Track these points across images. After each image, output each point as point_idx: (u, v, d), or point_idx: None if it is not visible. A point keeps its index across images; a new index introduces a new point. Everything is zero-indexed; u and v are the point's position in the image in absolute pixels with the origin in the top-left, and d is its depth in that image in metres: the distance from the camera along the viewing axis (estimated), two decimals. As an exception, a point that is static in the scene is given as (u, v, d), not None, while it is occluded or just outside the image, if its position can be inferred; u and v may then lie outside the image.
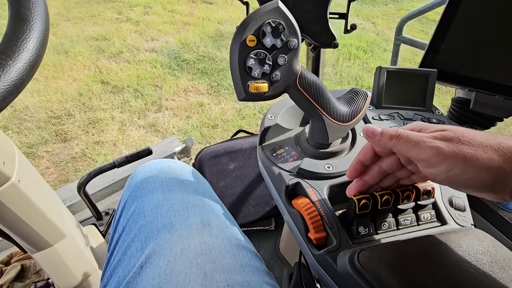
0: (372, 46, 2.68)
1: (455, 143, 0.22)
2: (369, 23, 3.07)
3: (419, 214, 0.34)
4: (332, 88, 2.29)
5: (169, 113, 2.08)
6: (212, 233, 0.33)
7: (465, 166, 0.21)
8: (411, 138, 0.24)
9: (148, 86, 2.23)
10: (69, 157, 1.72)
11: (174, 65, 2.42)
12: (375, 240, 0.32)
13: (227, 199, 0.77)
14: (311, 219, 0.32)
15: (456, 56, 0.44)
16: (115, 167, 0.70)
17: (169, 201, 0.36)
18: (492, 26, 0.41)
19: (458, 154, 0.22)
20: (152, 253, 0.30)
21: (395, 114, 0.43)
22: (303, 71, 0.34)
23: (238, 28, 0.31)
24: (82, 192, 0.69)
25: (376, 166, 0.29)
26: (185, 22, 2.95)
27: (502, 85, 0.42)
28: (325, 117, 0.36)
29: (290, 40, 0.32)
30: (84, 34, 2.66)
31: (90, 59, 2.39)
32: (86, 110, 2.01)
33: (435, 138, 0.23)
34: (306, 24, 0.59)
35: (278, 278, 0.77)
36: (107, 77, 2.25)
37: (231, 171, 0.77)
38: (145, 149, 0.73)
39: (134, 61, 2.42)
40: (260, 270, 0.33)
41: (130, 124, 1.96)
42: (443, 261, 0.26)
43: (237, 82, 0.33)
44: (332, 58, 2.58)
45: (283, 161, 0.39)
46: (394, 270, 0.26)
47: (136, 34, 2.74)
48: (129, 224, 0.35)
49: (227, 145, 0.78)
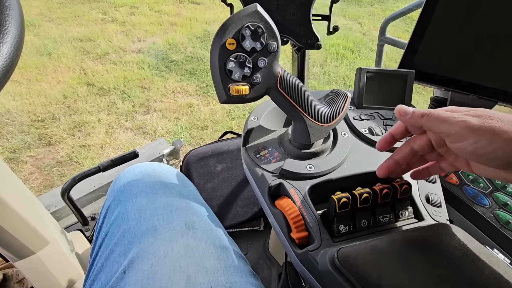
0: (359, 46, 2.72)
1: (484, 118, 0.23)
2: (356, 23, 3.12)
3: (397, 211, 0.35)
4: (321, 87, 2.32)
5: (157, 115, 2.05)
6: (196, 235, 0.34)
7: (492, 137, 0.22)
8: (441, 115, 0.25)
9: (136, 87, 2.20)
10: (54, 161, 1.68)
11: (161, 66, 2.39)
12: (355, 238, 0.33)
13: (215, 201, 0.77)
14: (293, 219, 0.33)
15: (433, 57, 0.46)
16: (100, 171, 0.69)
17: (153, 205, 0.36)
18: (465, 28, 0.43)
19: (487, 127, 0.22)
20: (135, 257, 0.30)
21: (375, 114, 0.44)
22: (283, 73, 0.35)
23: (218, 31, 0.32)
24: (66, 197, 0.68)
25: (408, 146, 0.30)
26: (172, 22, 2.92)
27: (475, 84, 0.44)
28: (306, 118, 0.37)
29: (270, 43, 0.33)
30: (68, 35, 2.60)
31: (74, 60, 2.34)
32: (71, 113, 1.96)
33: (465, 115, 0.24)
34: (290, 26, 0.60)
35: (268, 278, 0.77)
36: (93, 79, 2.20)
37: (218, 172, 0.77)
38: (131, 152, 0.73)
39: (120, 62, 2.38)
40: (244, 271, 0.33)
41: (118, 127, 1.92)
42: (418, 256, 0.27)
43: (218, 85, 0.33)
44: (320, 58, 2.61)
45: (266, 162, 0.39)
46: (371, 266, 0.26)
47: (122, 35, 2.70)
48: (112, 229, 0.35)
49: (214, 147, 0.78)
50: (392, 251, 0.28)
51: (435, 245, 0.28)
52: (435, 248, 0.28)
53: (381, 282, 0.25)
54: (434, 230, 0.30)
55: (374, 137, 0.42)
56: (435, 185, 0.38)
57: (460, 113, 0.25)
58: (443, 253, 0.28)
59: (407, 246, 0.28)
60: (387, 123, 0.43)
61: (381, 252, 0.28)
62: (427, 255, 0.27)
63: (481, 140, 0.23)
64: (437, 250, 0.28)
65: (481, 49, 0.43)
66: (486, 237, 0.38)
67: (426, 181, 0.38)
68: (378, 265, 0.27)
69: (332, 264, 0.28)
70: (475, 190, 0.40)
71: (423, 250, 0.28)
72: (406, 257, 0.27)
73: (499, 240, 0.37)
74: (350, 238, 0.33)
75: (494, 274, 0.26)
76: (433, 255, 0.27)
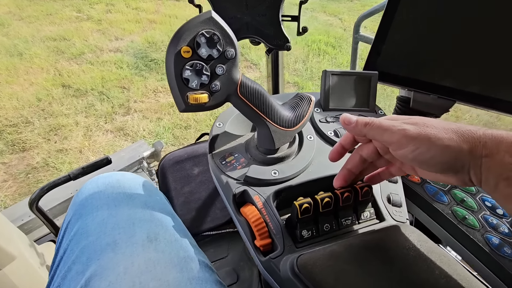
0: (340, 41, 2.75)
1: (420, 126, 0.25)
2: (336, 19, 3.14)
3: (359, 213, 0.35)
4: (303, 84, 2.33)
5: (138, 116, 2.01)
6: (158, 248, 0.33)
7: (429, 145, 0.24)
8: (383, 124, 0.27)
9: (114, 88, 2.14)
10: (29, 167, 1.62)
11: (141, 65, 2.33)
12: (318, 242, 0.33)
13: (193, 205, 0.76)
14: (256, 227, 0.33)
15: (395, 58, 0.47)
16: (70, 179, 0.67)
17: (114, 218, 0.35)
18: (424, 29, 0.44)
19: (423, 135, 0.24)
20: (93, 275, 0.29)
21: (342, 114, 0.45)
22: (243, 79, 0.35)
23: (172, 39, 0.31)
24: (35, 208, 0.65)
25: (357, 155, 0.31)
26: (151, 20, 2.85)
27: (435, 84, 0.45)
28: (269, 123, 0.37)
29: (227, 50, 0.32)
30: (40, 34, 2.48)
31: (48, 61, 2.24)
32: (46, 116, 1.89)
33: (403, 123, 0.26)
34: (259, 27, 0.59)
35: (249, 278, 0.78)
36: (68, 80, 2.12)
37: (195, 176, 0.76)
38: (103, 158, 0.70)
39: (97, 62, 2.30)
40: (209, 281, 0.33)
41: (97, 129, 1.87)
42: (373, 259, 0.28)
43: (175, 94, 0.33)
44: (302, 54, 2.62)
45: (232, 169, 0.39)
46: (328, 272, 0.27)
47: (98, 34, 2.60)
48: (71, 245, 0.34)
49: (190, 150, 0.77)
50: (349, 255, 0.28)
51: (390, 247, 0.29)
52: (390, 250, 0.29)
53: (337, 287, 0.26)
54: (390, 232, 0.30)
55: (339, 139, 0.42)
56: (396, 185, 0.39)
57: (399, 121, 0.26)
58: (398, 255, 0.28)
59: (364, 249, 0.29)
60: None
61: (338, 257, 0.28)
62: (383, 258, 0.28)
63: (419, 147, 0.24)
64: (392, 252, 0.29)
65: (440, 50, 0.44)
66: (446, 233, 0.39)
67: (388, 181, 0.39)
68: (335, 270, 0.27)
69: (292, 271, 0.28)
70: (435, 187, 0.42)
71: (378, 253, 0.28)
72: (363, 261, 0.28)
73: (457, 235, 0.38)
74: (313, 243, 0.33)
75: (444, 273, 0.27)
76: (388, 257, 0.28)
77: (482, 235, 0.37)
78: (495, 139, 0.22)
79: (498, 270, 0.36)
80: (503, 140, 0.21)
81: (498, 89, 0.41)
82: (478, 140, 0.22)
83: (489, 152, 0.22)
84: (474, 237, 0.37)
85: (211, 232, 0.80)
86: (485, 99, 0.42)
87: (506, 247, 0.36)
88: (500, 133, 0.22)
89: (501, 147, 0.21)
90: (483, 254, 0.37)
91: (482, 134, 0.22)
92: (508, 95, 0.40)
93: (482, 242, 0.37)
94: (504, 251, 0.36)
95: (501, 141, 0.21)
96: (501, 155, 0.21)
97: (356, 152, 0.31)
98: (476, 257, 0.38)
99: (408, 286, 0.26)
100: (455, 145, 0.23)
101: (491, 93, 0.41)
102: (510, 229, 0.38)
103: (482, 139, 0.22)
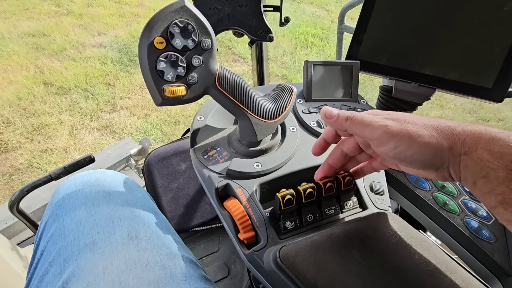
0: (327, 33, 2.74)
1: (401, 122, 0.24)
2: (323, 11, 3.13)
3: (342, 202, 0.35)
4: (292, 76, 2.32)
5: (125, 113, 1.96)
6: (139, 246, 0.32)
7: (410, 142, 0.23)
8: (364, 119, 0.26)
9: (99, 84, 2.08)
10: (13, 169, 1.57)
11: (126, 61, 2.27)
12: (302, 233, 0.33)
13: (182, 200, 0.75)
14: (239, 220, 0.33)
15: (376, 47, 0.47)
16: (51, 180, 0.65)
17: (93, 217, 0.34)
18: (403, 18, 0.43)
19: (404, 132, 0.24)
20: (70, 276, 0.29)
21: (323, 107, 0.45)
22: (222, 71, 0.34)
23: (143, 29, 0.30)
24: (15, 210, 0.63)
25: (339, 150, 0.31)
26: (135, 13, 2.77)
27: (416, 73, 0.45)
28: (250, 115, 0.36)
29: (203, 40, 0.31)
30: (18, 30, 2.38)
31: (27, 58, 2.16)
32: (29, 116, 1.82)
33: (385, 118, 0.25)
34: (241, 18, 0.58)
35: (240, 272, 0.78)
36: (50, 77, 2.05)
37: (183, 171, 0.75)
38: (86, 157, 0.69)
39: (80, 58, 2.23)
40: (193, 277, 0.33)
41: (82, 127, 1.82)
42: (354, 247, 0.28)
43: (150, 87, 0.32)
44: (290, 46, 2.60)
45: (214, 163, 0.38)
46: (309, 262, 0.27)
47: (80, 29, 2.51)
48: (48, 247, 0.32)
49: (176, 146, 0.76)
50: (330, 245, 0.28)
51: (371, 235, 0.29)
52: (371, 237, 0.29)
53: (318, 277, 0.26)
54: (371, 220, 0.31)
55: (322, 130, 0.42)
56: (379, 173, 0.39)
57: (381, 116, 0.26)
58: (378, 242, 0.29)
59: (345, 238, 0.29)
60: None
61: (319, 247, 0.28)
62: (363, 246, 0.28)
63: (400, 145, 0.24)
64: (373, 240, 0.29)
65: (418, 39, 0.44)
66: (428, 219, 0.40)
67: None
68: (316, 260, 0.27)
69: (275, 263, 0.28)
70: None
71: (359, 241, 0.29)
72: (343, 250, 0.28)
73: (438, 220, 0.39)
74: (297, 234, 0.33)
75: (423, 258, 0.28)
76: (368, 245, 0.28)
77: (462, 219, 0.38)
78: (474, 135, 0.21)
79: (477, 252, 0.37)
80: (482, 136, 0.21)
81: (475, 76, 0.42)
82: (457, 137, 0.22)
83: (468, 149, 0.22)
84: (454, 221, 0.38)
85: (201, 227, 0.80)
86: (463, 86, 0.42)
87: (484, 230, 0.37)
88: (479, 129, 0.22)
89: (479, 143, 0.21)
90: (463, 237, 0.38)
91: (461, 130, 0.22)
92: (485, 82, 0.41)
93: (462, 226, 0.38)
94: (483, 234, 0.37)
95: (479, 138, 0.21)
96: (479, 153, 0.21)
97: (338, 147, 0.31)
98: (456, 241, 0.39)
99: (388, 272, 0.26)
100: (435, 142, 0.23)
101: (469, 80, 0.42)
102: (488, 213, 0.39)
103: (461, 135, 0.22)
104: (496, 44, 0.40)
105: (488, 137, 0.21)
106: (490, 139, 0.21)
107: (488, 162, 0.20)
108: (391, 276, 0.26)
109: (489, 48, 0.40)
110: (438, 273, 0.27)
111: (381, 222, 0.30)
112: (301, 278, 0.26)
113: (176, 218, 0.75)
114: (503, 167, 0.20)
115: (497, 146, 0.20)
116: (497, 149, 0.20)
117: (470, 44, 0.41)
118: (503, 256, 0.35)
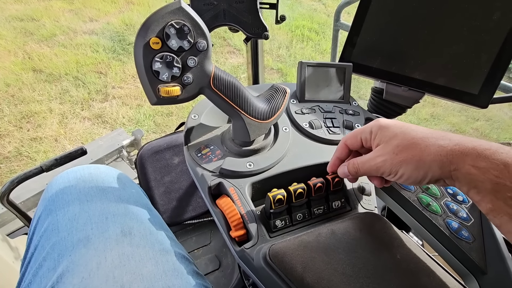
0: (323, 27, 2.73)
1: (391, 154, 0.27)
2: (320, 4, 3.10)
3: (331, 202, 0.37)
4: (287, 70, 2.31)
5: (117, 102, 1.93)
6: (133, 242, 0.33)
7: (416, 166, 0.26)
8: (366, 169, 0.30)
9: (91, 73, 2.03)
10: (1, 157, 1.54)
11: (118, 49, 2.22)
12: (291, 231, 0.35)
13: (174, 194, 0.76)
14: (231, 218, 0.34)
15: (369, 50, 0.47)
16: (42, 171, 0.64)
17: (86, 213, 0.34)
18: (396, 23, 0.44)
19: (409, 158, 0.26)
20: (65, 271, 0.29)
21: (316, 107, 0.46)
22: (217, 71, 0.34)
23: (139, 29, 0.30)
24: (6, 201, 0.63)
25: (343, 144, 0.34)
26: (128, 0, 2.69)
27: (406, 77, 0.46)
28: (244, 116, 0.37)
29: (199, 41, 0.31)
30: (5, 13, 2.29)
31: (15, 43, 2.09)
32: (17, 103, 1.78)
33: (376, 156, 0.29)
34: (237, 14, 0.58)
35: (231, 264, 0.80)
36: (40, 64, 1.99)
37: (175, 165, 0.75)
38: (78, 149, 0.68)
39: (71, 45, 2.17)
40: (185, 272, 0.34)
41: (73, 116, 1.79)
42: (339, 247, 0.29)
43: (146, 87, 0.32)
44: (286, 40, 2.58)
45: (208, 161, 0.39)
46: (297, 261, 0.28)
47: (70, 14, 2.44)
48: (42, 241, 0.33)
49: (169, 139, 0.76)
50: (317, 244, 0.30)
51: (356, 235, 0.31)
52: (356, 237, 0.30)
53: (305, 274, 0.27)
54: (357, 221, 0.32)
55: (314, 130, 0.43)
56: (367, 175, 0.40)
57: (373, 156, 0.29)
58: (363, 242, 0.30)
59: (332, 238, 0.30)
60: (327, 116, 0.45)
61: (307, 246, 0.29)
62: (348, 245, 0.30)
63: (405, 172, 0.27)
64: (357, 240, 0.30)
65: (410, 44, 0.45)
66: (412, 219, 0.42)
67: None
68: (303, 259, 0.28)
69: (265, 260, 0.29)
70: (403, 176, 0.44)
71: (345, 241, 0.30)
72: (329, 249, 0.29)
73: (422, 220, 0.41)
74: (287, 232, 0.35)
75: (404, 258, 0.29)
76: (353, 244, 0.30)
77: (443, 220, 0.40)
78: (461, 154, 0.24)
79: (456, 251, 0.39)
80: (468, 154, 0.23)
81: (462, 82, 0.43)
82: (445, 157, 0.24)
83: (456, 166, 0.24)
84: (436, 221, 0.40)
85: (193, 220, 0.81)
86: (450, 91, 0.44)
87: (464, 230, 0.39)
88: (466, 147, 0.24)
89: (466, 161, 0.23)
90: (444, 237, 0.40)
91: (449, 150, 0.24)
92: (472, 88, 0.42)
93: (443, 226, 0.40)
94: (462, 234, 0.39)
95: (466, 155, 0.23)
96: (467, 168, 0.23)
97: (342, 142, 0.34)
98: (437, 240, 0.41)
99: (370, 271, 0.28)
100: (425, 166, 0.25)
101: (456, 85, 0.43)
102: (468, 214, 0.41)
103: (449, 155, 0.24)
104: (484, 52, 0.41)
105: (475, 155, 0.23)
106: (476, 156, 0.23)
107: (476, 175, 0.23)
108: (373, 275, 0.27)
109: (476, 55, 0.41)
110: (418, 272, 0.28)
111: (366, 223, 0.32)
112: (289, 275, 0.28)
113: (168, 211, 0.75)
114: (489, 180, 0.22)
115: (483, 163, 0.23)
116: (483, 165, 0.23)
117: (459, 51, 0.42)
118: (480, 256, 0.37)
